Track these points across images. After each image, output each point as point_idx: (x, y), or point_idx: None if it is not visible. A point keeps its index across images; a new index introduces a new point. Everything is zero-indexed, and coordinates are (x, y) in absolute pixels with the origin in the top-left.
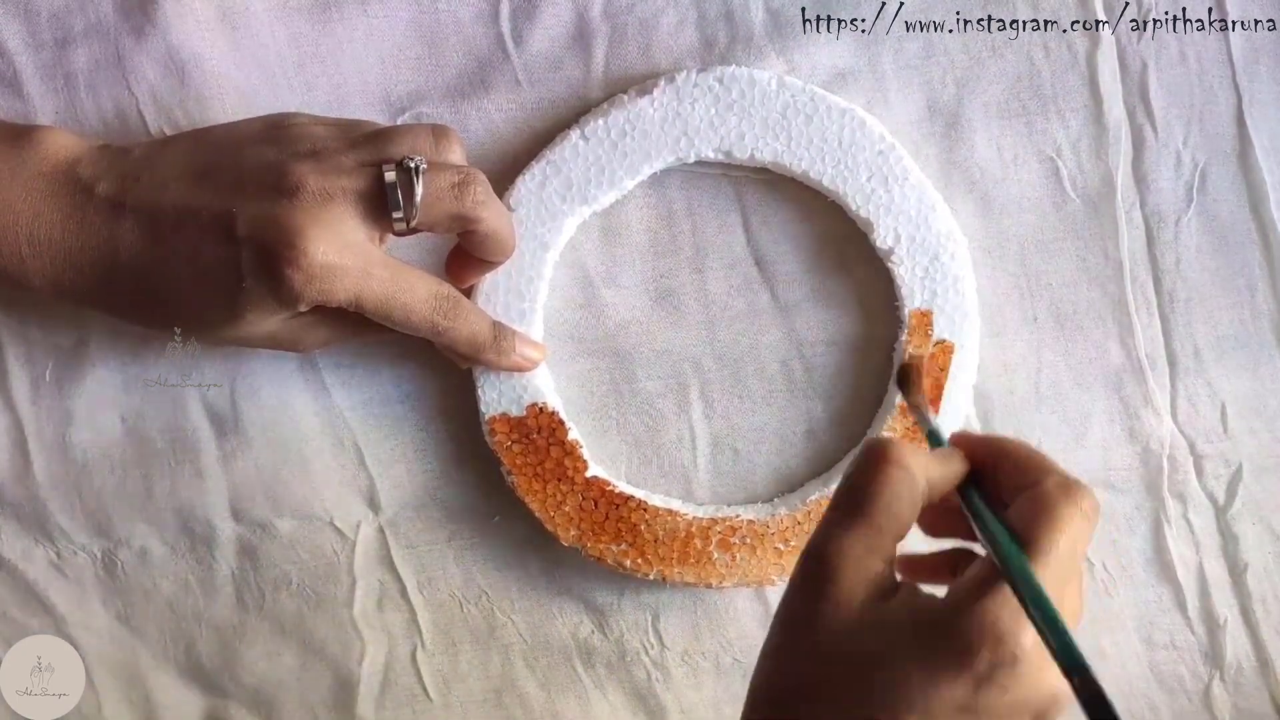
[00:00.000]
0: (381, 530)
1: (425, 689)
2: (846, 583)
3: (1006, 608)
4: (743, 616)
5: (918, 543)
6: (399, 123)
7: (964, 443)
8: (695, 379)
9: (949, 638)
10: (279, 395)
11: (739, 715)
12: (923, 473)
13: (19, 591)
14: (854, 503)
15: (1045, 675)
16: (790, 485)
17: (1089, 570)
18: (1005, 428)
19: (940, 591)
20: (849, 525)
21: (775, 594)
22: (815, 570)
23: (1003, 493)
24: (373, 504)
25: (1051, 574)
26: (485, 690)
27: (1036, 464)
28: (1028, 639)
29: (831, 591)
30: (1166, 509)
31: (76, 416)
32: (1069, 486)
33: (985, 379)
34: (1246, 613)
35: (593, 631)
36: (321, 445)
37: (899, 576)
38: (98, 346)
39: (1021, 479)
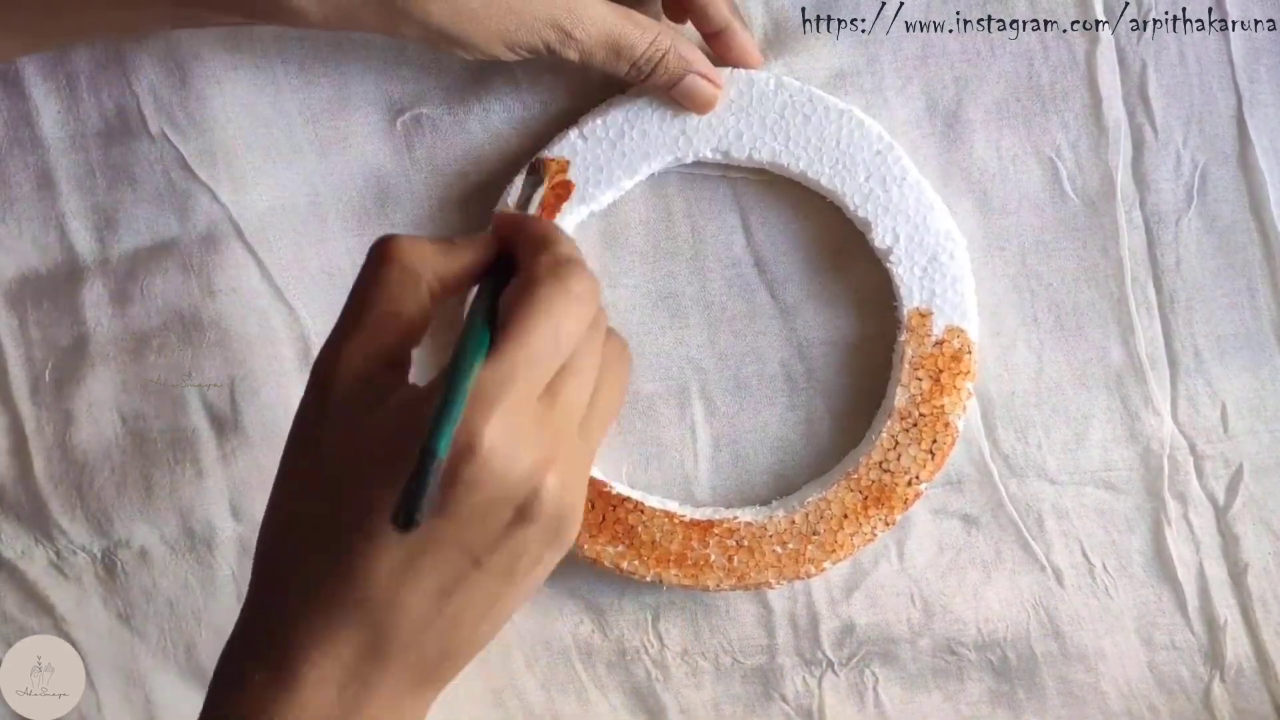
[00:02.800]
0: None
1: None
2: (341, 393)
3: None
4: (743, 616)
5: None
6: (399, 123)
7: (502, 224)
8: (695, 380)
9: (404, 445)
10: (279, 395)
11: (739, 715)
12: (427, 268)
13: (19, 591)
14: (351, 309)
15: (515, 466)
16: (791, 486)
17: (1088, 570)
18: (1006, 428)
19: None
20: (345, 333)
21: (776, 596)
22: (313, 383)
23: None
24: None
25: (525, 360)
26: (485, 690)
27: (537, 243)
28: (489, 433)
29: (328, 403)
30: (1167, 509)
31: (76, 416)
32: (558, 266)
33: (985, 379)
34: (1247, 613)
35: (593, 631)
36: None
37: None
38: (97, 346)
39: (525, 256)
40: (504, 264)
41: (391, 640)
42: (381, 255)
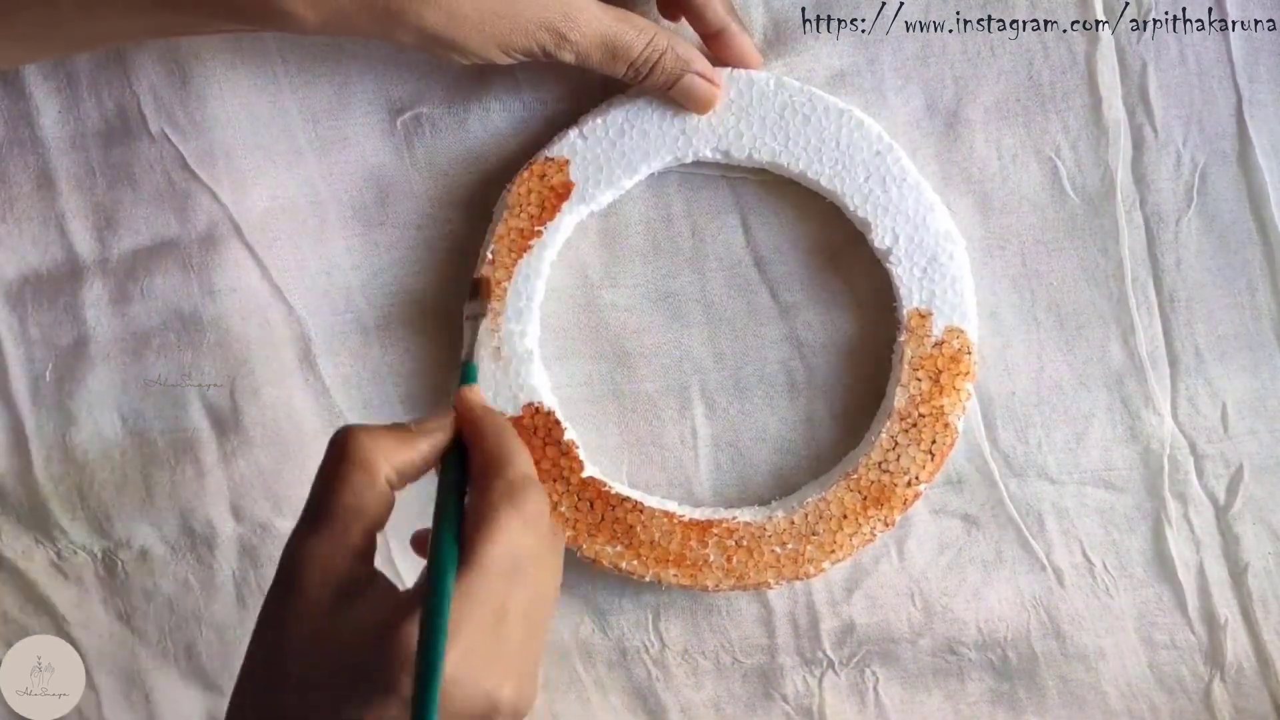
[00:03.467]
0: (382, 531)
1: None
2: (311, 586)
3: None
4: (743, 616)
5: None
6: (399, 123)
7: (458, 412)
8: (695, 379)
9: (378, 661)
10: (279, 395)
11: (739, 715)
12: (385, 461)
13: (19, 591)
14: (315, 503)
15: (474, 692)
16: (791, 486)
17: (1088, 569)
18: (1006, 428)
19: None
20: (312, 527)
21: (776, 595)
22: (283, 574)
23: (475, 479)
24: None
25: (484, 584)
26: None
27: (496, 458)
28: (450, 668)
29: (295, 597)
30: (1167, 509)
31: (77, 416)
32: (514, 489)
33: (986, 379)
34: (1247, 613)
35: (593, 631)
36: (322, 445)
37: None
38: (98, 346)
39: (483, 471)
40: (461, 449)
41: None
42: (341, 451)
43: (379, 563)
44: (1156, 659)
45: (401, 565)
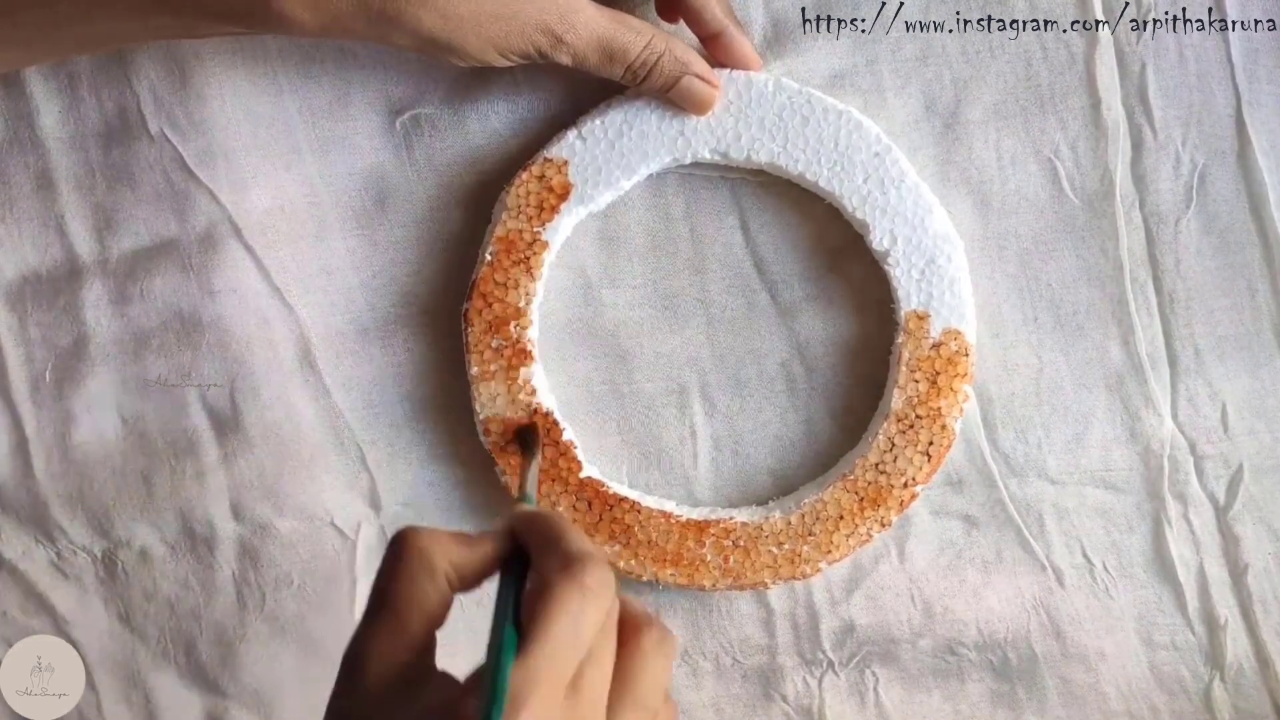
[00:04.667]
0: (383, 530)
1: None
2: (372, 678)
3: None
4: (743, 617)
5: None
6: (398, 124)
7: (515, 521)
8: (695, 380)
9: None
10: (279, 395)
11: (739, 715)
12: (445, 559)
13: (19, 591)
14: (376, 600)
15: None
16: (791, 486)
17: (1088, 570)
18: (1006, 428)
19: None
20: (373, 621)
21: (776, 596)
22: (345, 669)
23: (534, 566)
24: (374, 504)
25: (547, 659)
26: None
27: (549, 540)
28: None
29: (360, 688)
30: (1167, 509)
31: (76, 416)
32: (569, 563)
33: (985, 380)
34: (1247, 613)
35: None
36: (322, 445)
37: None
38: (97, 346)
39: (540, 555)
40: (520, 556)
41: None
42: (402, 547)
43: None
44: (1156, 659)
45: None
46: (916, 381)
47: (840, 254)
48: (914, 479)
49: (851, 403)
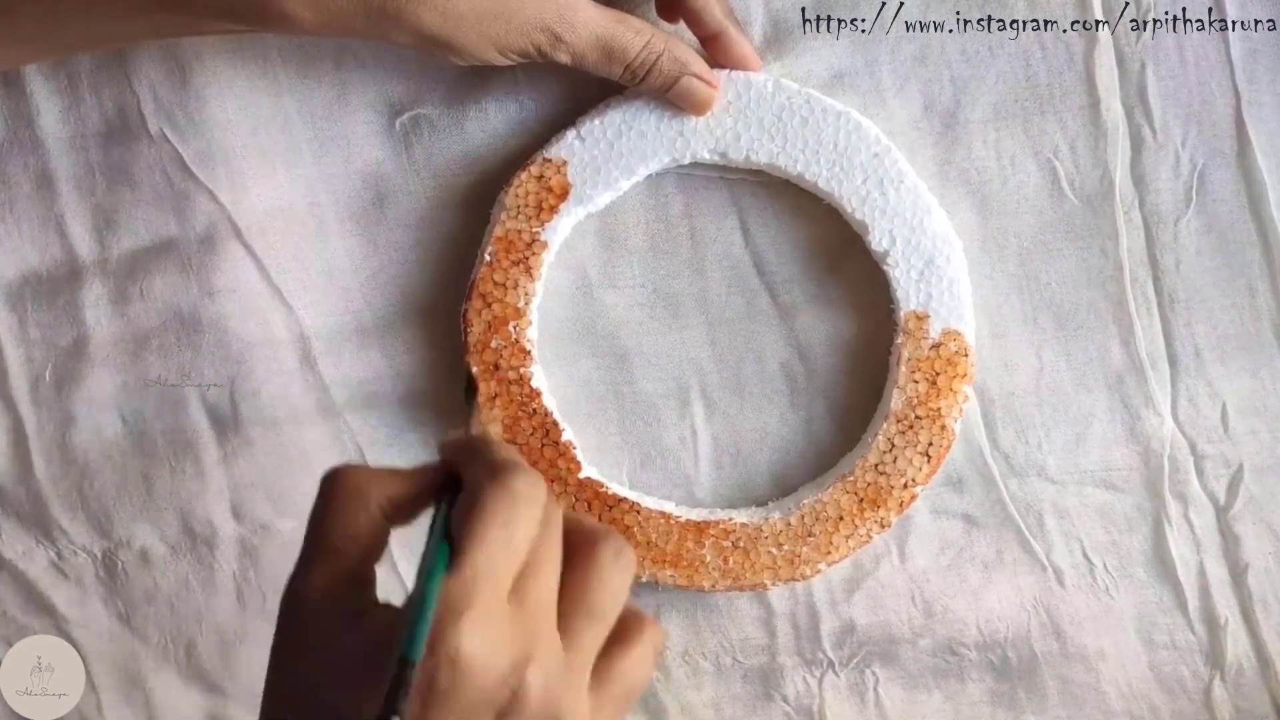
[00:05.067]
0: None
1: None
2: (311, 616)
3: None
4: (743, 617)
5: None
6: (397, 124)
7: (444, 448)
8: (695, 380)
9: (389, 649)
10: (279, 395)
11: (739, 715)
12: (376, 490)
13: (19, 591)
14: (312, 537)
15: (491, 669)
16: (790, 487)
17: (1089, 570)
18: (1006, 428)
19: None
20: (307, 561)
21: (776, 596)
22: (284, 610)
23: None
24: None
25: (482, 566)
26: None
27: (475, 455)
28: (462, 639)
29: (300, 627)
30: (1167, 509)
31: (76, 416)
32: (495, 471)
33: (986, 380)
34: (1247, 613)
35: None
36: (322, 446)
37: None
38: (97, 346)
39: (469, 473)
40: (454, 483)
41: None
42: (333, 484)
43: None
44: (1156, 659)
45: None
46: (916, 382)
47: (839, 254)
48: (914, 480)
49: (851, 403)
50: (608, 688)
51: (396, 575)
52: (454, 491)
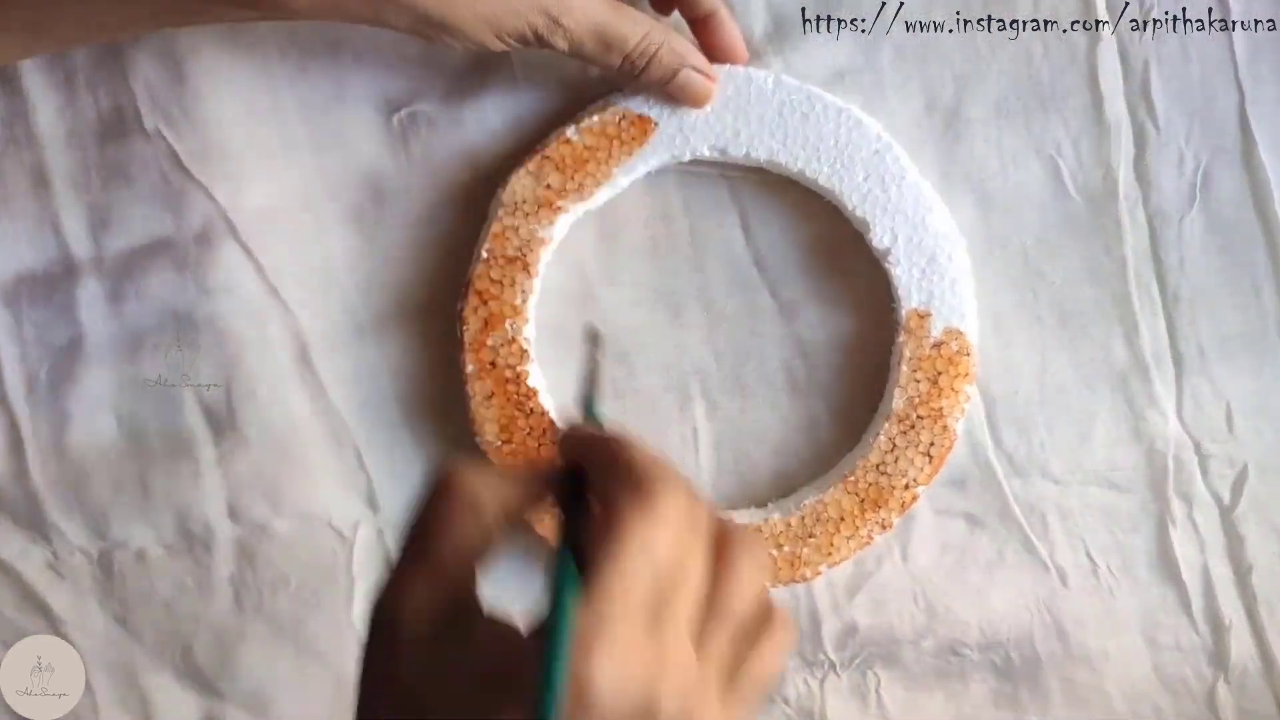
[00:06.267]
0: (380, 531)
1: None
2: (413, 631)
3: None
4: None
5: None
6: (394, 121)
7: (570, 444)
8: (696, 379)
9: (502, 676)
10: (276, 395)
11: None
12: (493, 499)
13: (16, 592)
14: (415, 545)
15: (625, 702)
16: (790, 487)
17: (1092, 570)
18: (1009, 427)
19: None
20: (410, 570)
21: (777, 596)
22: (379, 621)
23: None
24: (371, 504)
25: (617, 596)
26: None
27: (611, 460)
28: (596, 676)
29: (400, 642)
30: (1171, 509)
31: (73, 416)
32: (638, 485)
33: (989, 379)
34: (1252, 614)
35: None
36: (320, 445)
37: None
38: (93, 346)
39: (602, 481)
40: (576, 479)
41: None
42: (443, 489)
43: None
44: (1160, 660)
45: None
46: (918, 381)
47: (841, 252)
48: (915, 480)
49: (852, 403)
50: (739, 690)
51: None
52: (577, 490)
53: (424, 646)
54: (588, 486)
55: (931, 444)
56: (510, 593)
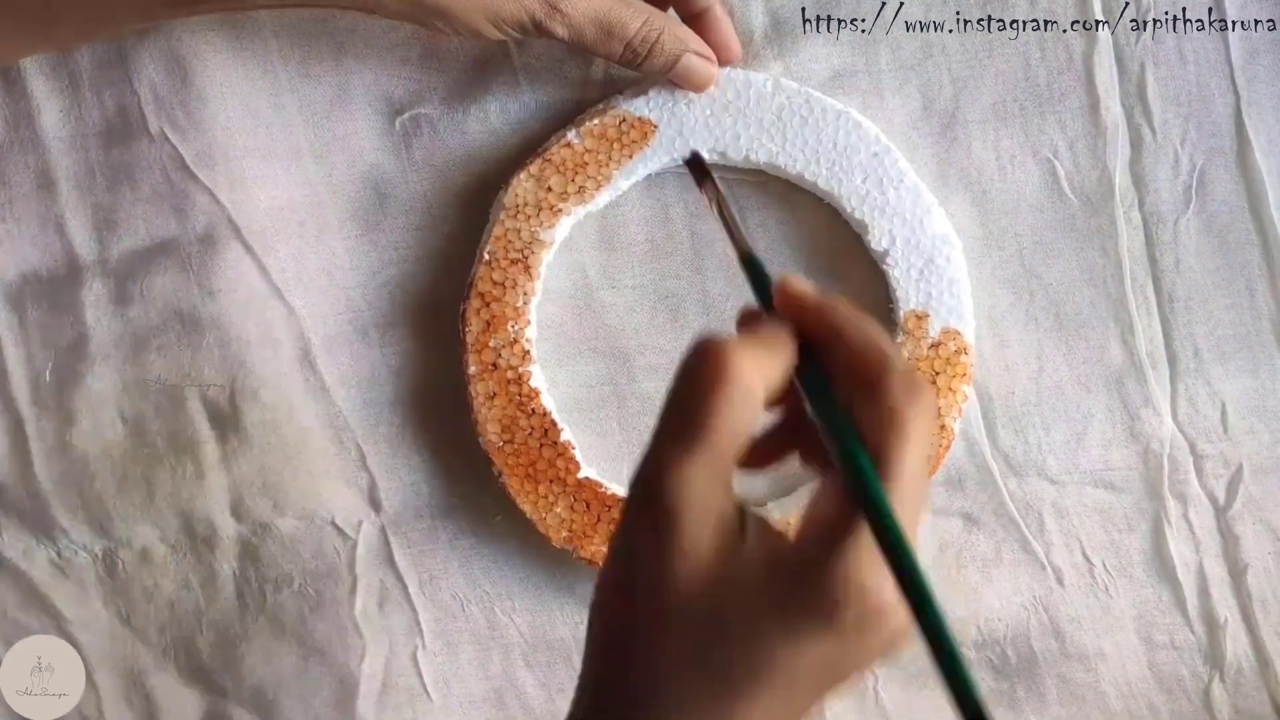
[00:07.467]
0: (383, 530)
1: (426, 689)
2: (693, 526)
3: (868, 556)
4: None
5: None
6: (397, 124)
7: (790, 304)
8: None
9: (811, 595)
10: (279, 395)
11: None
12: (762, 378)
13: (20, 591)
14: (690, 424)
15: (900, 613)
16: (789, 487)
17: (1088, 569)
18: (1006, 427)
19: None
20: (688, 452)
21: None
22: (656, 510)
23: (836, 379)
24: (374, 503)
25: (906, 496)
26: (485, 690)
27: (875, 353)
28: (890, 590)
29: (678, 538)
30: (1167, 509)
31: (77, 416)
32: (912, 387)
33: (985, 379)
34: (1246, 613)
35: None
36: (322, 445)
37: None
38: (97, 346)
39: (859, 369)
40: (807, 351)
41: None
42: (721, 370)
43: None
44: (1156, 659)
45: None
46: None
47: (839, 254)
48: None
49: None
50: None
51: (395, 572)
52: (811, 361)
53: (703, 541)
54: (825, 359)
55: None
56: None
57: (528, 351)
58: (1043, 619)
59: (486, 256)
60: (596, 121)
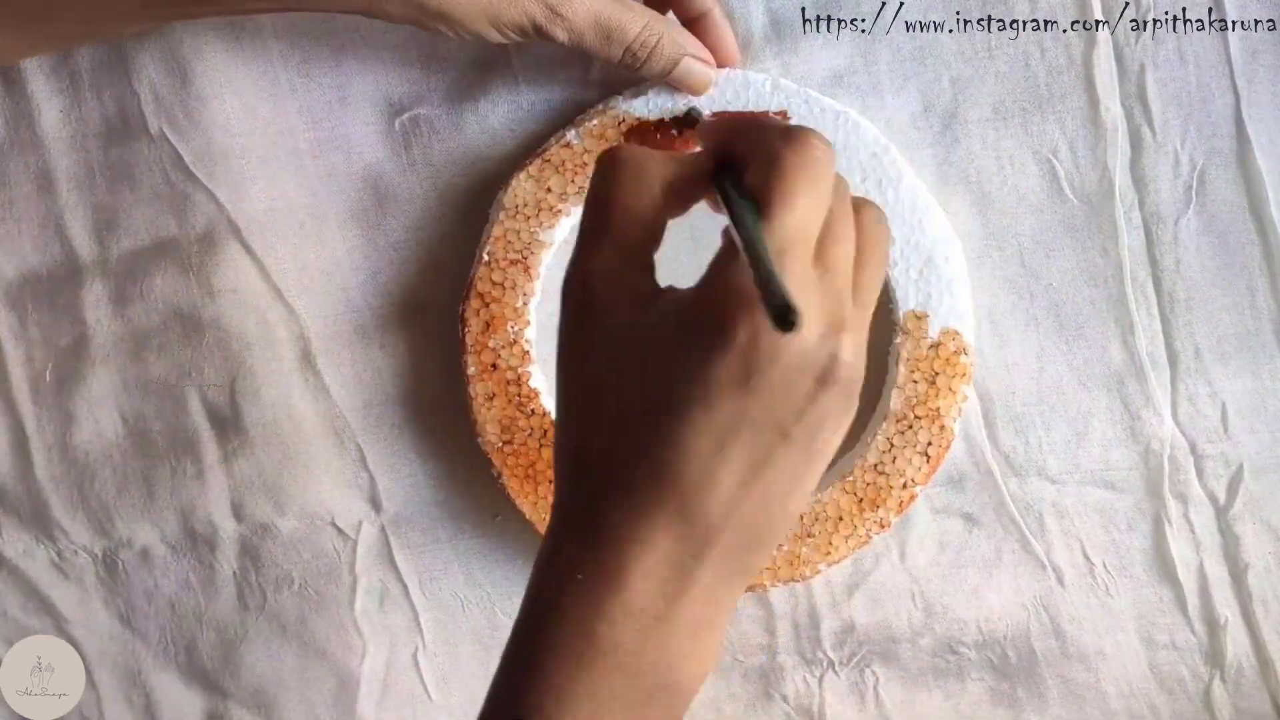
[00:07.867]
0: (383, 530)
1: (426, 689)
2: (606, 302)
3: (743, 269)
4: (743, 616)
5: None
6: (397, 124)
7: (711, 131)
8: None
9: (704, 314)
10: (279, 395)
11: (739, 714)
12: (657, 171)
13: (20, 591)
14: (595, 217)
15: (811, 333)
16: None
17: (1088, 569)
18: (1006, 427)
19: None
20: (593, 242)
21: (777, 595)
22: (576, 299)
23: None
24: (374, 503)
25: (795, 222)
26: (486, 690)
27: (758, 125)
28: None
29: (596, 315)
30: (1167, 509)
31: (77, 416)
32: (791, 133)
33: (986, 379)
34: (1247, 613)
35: None
36: (323, 445)
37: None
38: (97, 346)
39: (754, 149)
40: (730, 169)
41: (706, 526)
42: (613, 161)
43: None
44: (1156, 659)
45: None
46: (915, 382)
47: None
48: (913, 480)
49: None
50: (867, 308)
51: (395, 572)
52: (730, 175)
53: (617, 309)
54: (741, 171)
55: (929, 444)
56: None
57: (527, 352)
58: (1043, 619)
59: (486, 257)
60: (596, 122)
